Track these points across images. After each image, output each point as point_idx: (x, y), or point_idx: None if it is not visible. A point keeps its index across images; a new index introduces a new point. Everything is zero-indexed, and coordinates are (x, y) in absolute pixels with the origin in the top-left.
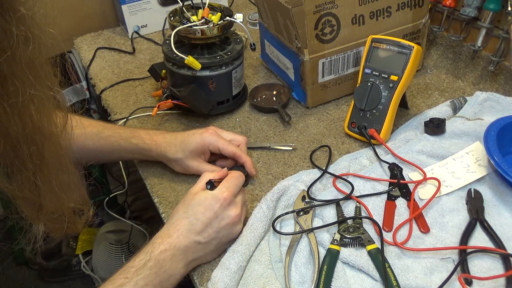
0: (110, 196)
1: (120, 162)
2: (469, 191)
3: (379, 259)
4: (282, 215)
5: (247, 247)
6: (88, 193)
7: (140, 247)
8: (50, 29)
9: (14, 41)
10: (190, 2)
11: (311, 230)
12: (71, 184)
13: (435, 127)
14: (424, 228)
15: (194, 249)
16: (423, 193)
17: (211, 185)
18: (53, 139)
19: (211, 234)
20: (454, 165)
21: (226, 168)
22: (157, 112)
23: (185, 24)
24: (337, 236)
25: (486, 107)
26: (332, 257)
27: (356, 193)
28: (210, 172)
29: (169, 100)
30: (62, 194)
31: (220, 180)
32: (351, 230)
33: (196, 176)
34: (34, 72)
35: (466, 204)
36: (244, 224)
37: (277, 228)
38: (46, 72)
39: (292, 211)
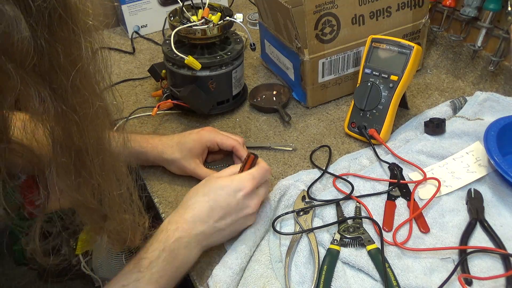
0: None
1: None
2: (469, 191)
3: (379, 259)
4: (282, 215)
5: (249, 248)
6: (144, 205)
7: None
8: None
9: (83, 52)
10: (190, 2)
11: (311, 230)
12: (128, 196)
13: (435, 127)
14: (424, 228)
15: (210, 234)
16: (423, 193)
17: None
18: (112, 151)
19: (228, 221)
20: (454, 165)
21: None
22: (157, 112)
23: (185, 24)
24: (337, 236)
25: (486, 107)
26: (332, 257)
27: (356, 193)
28: (235, 166)
29: (169, 100)
30: (123, 205)
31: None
32: (351, 230)
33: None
34: (99, 83)
35: (466, 204)
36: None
37: (277, 228)
38: (107, 85)
39: (292, 211)
